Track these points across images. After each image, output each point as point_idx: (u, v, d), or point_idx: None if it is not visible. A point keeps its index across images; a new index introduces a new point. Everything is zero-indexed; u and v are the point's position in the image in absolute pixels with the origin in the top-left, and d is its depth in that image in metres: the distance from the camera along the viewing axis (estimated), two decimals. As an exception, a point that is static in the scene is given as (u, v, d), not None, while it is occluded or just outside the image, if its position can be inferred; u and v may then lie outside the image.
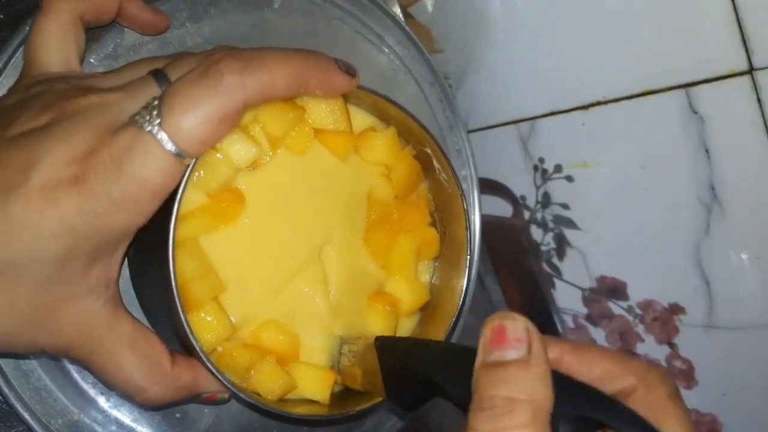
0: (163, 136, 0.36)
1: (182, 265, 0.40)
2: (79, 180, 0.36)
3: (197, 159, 0.39)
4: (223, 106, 0.37)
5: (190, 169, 0.39)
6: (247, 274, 0.45)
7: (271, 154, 0.45)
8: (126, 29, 0.49)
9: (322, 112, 0.46)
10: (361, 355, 0.46)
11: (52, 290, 0.38)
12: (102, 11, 0.44)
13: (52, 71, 0.42)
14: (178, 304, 0.39)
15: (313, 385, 0.46)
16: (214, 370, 0.41)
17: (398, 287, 0.50)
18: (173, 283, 0.39)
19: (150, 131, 0.36)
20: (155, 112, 0.37)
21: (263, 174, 0.45)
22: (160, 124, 0.36)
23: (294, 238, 0.47)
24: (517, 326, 0.33)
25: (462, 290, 0.50)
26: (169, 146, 0.37)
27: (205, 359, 0.41)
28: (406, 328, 0.52)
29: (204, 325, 0.42)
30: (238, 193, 0.44)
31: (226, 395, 0.45)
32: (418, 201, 0.52)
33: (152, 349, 0.42)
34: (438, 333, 0.50)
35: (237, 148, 0.42)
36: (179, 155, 0.37)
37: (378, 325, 0.49)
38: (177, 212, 0.39)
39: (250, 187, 0.45)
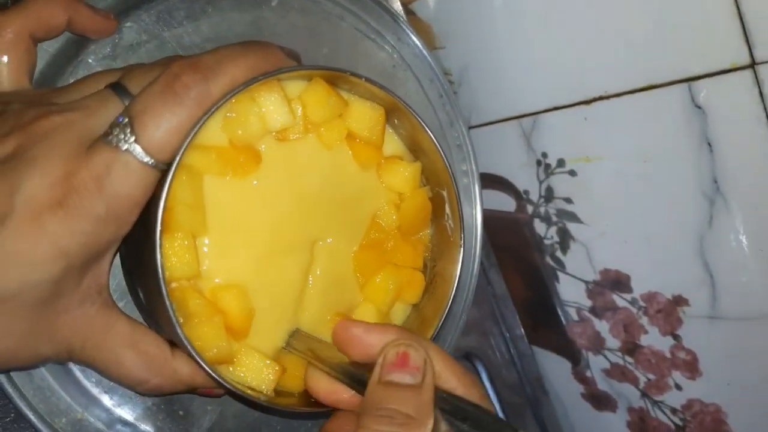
0: (139, 151, 0.38)
1: (177, 187, 0.41)
2: (63, 203, 0.37)
3: (179, 159, 0.40)
4: (192, 115, 0.39)
5: (173, 169, 0.40)
6: (232, 231, 0.44)
7: (301, 134, 0.46)
8: (124, 28, 0.49)
9: (363, 118, 0.47)
10: (298, 354, 0.46)
11: (48, 307, 0.39)
12: (51, 26, 0.44)
13: (0, 90, 0.43)
14: (158, 234, 0.40)
15: (258, 376, 0.45)
16: (188, 346, 0.41)
17: (367, 317, 0.49)
18: (161, 207, 0.40)
19: (126, 149, 0.38)
20: (128, 130, 0.38)
21: (287, 149, 0.46)
22: (135, 140, 0.38)
23: (291, 219, 0.46)
24: (419, 356, 0.39)
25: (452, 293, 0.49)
26: (146, 159, 0.38)
27: (175, 323, 0.40)
28: (398, 315, 0.52)
29: (172, 250, 0.41)
30: (257, 154, 0.45)
31: (222, 390, 0.45)
32: (417, 242, 0.51)
33: (151, 344, 0.43)
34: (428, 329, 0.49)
35: (274, 110, 0.43)
36: (156, 165, 0.39)
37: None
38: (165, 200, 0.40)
39: (270, 155, 0.45)
